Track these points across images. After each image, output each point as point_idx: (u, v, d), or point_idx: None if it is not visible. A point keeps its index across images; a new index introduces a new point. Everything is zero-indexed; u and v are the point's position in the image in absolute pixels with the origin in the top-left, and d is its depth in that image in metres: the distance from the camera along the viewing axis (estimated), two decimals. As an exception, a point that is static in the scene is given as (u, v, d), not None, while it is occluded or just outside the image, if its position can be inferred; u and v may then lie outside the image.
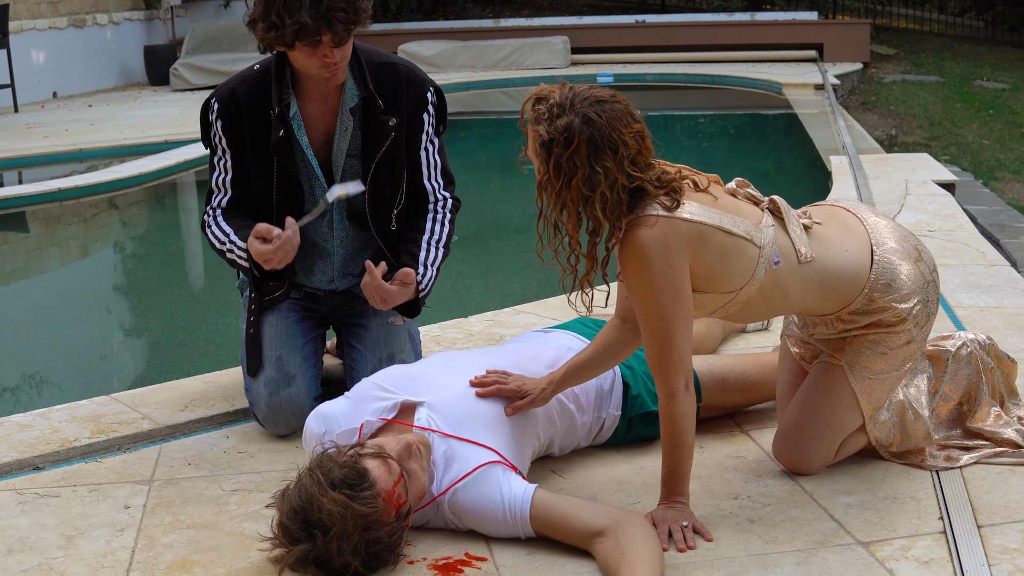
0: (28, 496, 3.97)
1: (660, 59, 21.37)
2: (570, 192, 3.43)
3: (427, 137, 4.52)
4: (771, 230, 3.67)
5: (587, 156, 3.41)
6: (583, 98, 3.46)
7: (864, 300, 3.78)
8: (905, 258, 3.83)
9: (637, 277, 3.50)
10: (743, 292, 3.64)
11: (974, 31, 27.62)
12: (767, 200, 3.78)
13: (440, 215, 4.57)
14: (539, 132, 3.44)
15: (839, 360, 3.87)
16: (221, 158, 4.47)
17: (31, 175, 12.54)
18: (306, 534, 3.26)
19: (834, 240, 3.79)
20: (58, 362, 6.93)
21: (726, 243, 3.57)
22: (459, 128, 16.44)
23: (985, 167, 11.54)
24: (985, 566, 3.29)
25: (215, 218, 4.48)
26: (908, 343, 3.84)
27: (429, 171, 4.56)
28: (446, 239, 4.56)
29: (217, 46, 20.57)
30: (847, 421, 3.90)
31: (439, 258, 4.51)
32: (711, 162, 14.24)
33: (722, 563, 3.38)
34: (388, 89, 4.42)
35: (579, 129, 3.41)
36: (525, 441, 3.81)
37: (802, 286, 3.72)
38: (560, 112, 3.43)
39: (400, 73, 4.45)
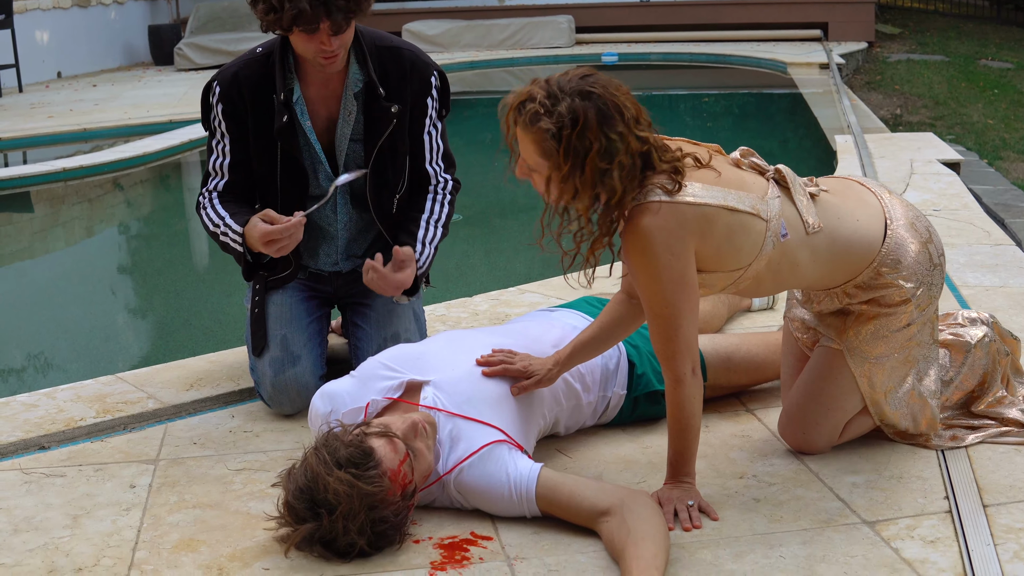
0: (34, 476, 3.97)
1: (665, 38, 21.33)
2: (584, 174, 3.38)
3: (430, 122, 4.52)
4: (777, 201, 3.63)
5: (599, 127, 3.37)
6: (568, 80, 3.43)
7: (872, 274, 3.76)
8: (916, 238, 3.81)
9: (641, 266, 3.47)
10: (752, 267, 3.61)
11: (979, 10, 27.53)
12: (772, 169, 3.74)
13: (440, 196, 4.58)
14: (541, 129, 3.37)
15: (839, 344, 3.87)
16: (220, 142, 4.46)
17: (35, 155, 12.54)
18: (312, 513, 3.27)
19: (845, 209, 3.77)
20: (63, 342, 6.93)
21: (732, 221, 3.53)
22: (463, 108, 16.41)
23: (990, 147, 11.52)
24: (991, 545, 3.29)
25: (211, 200, 4.48)
26: (908, 325, 3.83)
27: (431, 155, 4.56)
28: (445, 219, 4.57)
29: (221, 26, 20.55)
30: (848, 405, 3.90)
31: (437, 237, 4.52)
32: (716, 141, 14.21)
33: (727, 542, 3.38)
34: (392, 74, 4.41)
35: (581, 105, 3.37)
36: (531, 420, 3.81)
37: (811, 257, 3.69)
38: (555, 100, 3.37)
39: (404, 58, 4.44)
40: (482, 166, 11.14)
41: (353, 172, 4.28)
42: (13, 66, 17.14)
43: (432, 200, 4.55)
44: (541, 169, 3.43)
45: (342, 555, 3.31)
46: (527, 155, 3.45)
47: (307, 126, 4.39)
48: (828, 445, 3.95)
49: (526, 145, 3.43)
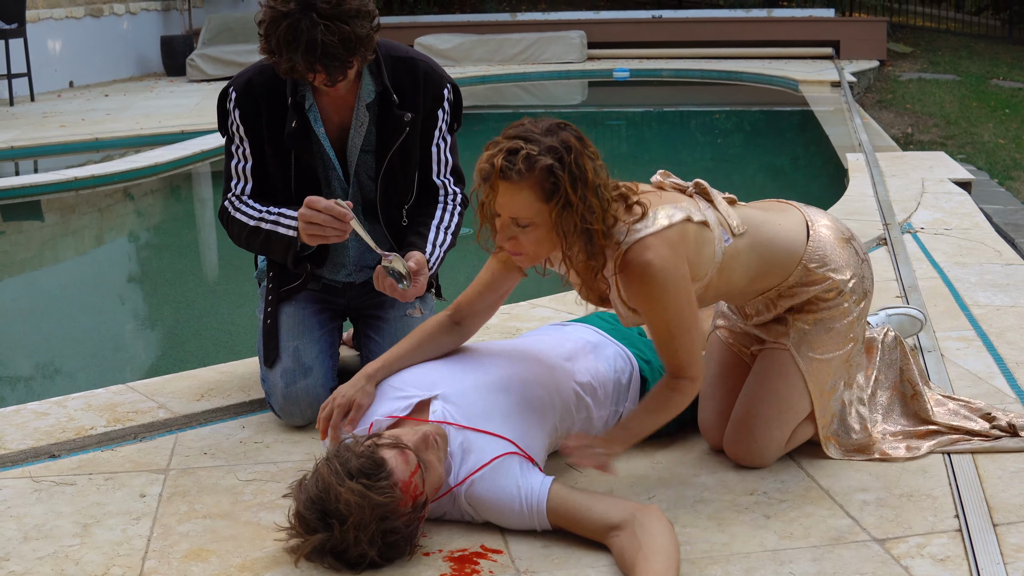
0: (44, 484, 3.98)
1: (676, 55, 21.36)
2: (589, 192, 3.43)
3: (440, 134, 4.53)
4: (710, 211, 3.75)
5: (584, 151, 3.45)
6: (532, 125, 3.48)
7: (801, 272, 3.88)
8: (838, 235, 3.99)
9: (654, 301, 3.55)
10: (709, 276, 3.73)
11: (991, 30, 27.54)
12: (692, 185, 3.85)
13: (450, 206, 4.56)
14: (540, 168, 3.38)
15: (785, 344, 3.95)
16: (239, 146, 4.46)
17: (47, 164, 12.55)
18: (323, 524, 3.27)
19: (767, 216, 3.92)
20: (73, 351, 6.94)
21: (696, 233, 3.64)
22: (474, 122, 16.36)
23: (1001, 166, 11.52)
24: (1000, 564, 3.29)
25: (241, 201, 4.47)
26: (847, 319, 3.94)
27: (439, 168, 4.56)
28: (454, 228, 4.54)
29: (233, 37, 20.59)
30: (799, 405, 3.95)
31: (446, 242, 4.50)
32: (727, 158, 14.25)
33: (738, 558, 3.38)
34: (405, 84, 4.41)
35: (565, 135, 3.44)
36: (542, 433, 3.81)
37: (744, 261, 3.80)
38: (537, 142, 3.42)
39: (418, 68, 4.44)
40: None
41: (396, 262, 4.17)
42: (26, 75, 17.16)
43: (442, 209, 4.54)
44: (539, 217, 3.45)
45: (352, 566, 3.31)
46: (519, 208, 3.44)
47: (320, 132, 4.38)
48: (776, 454, 4.00)
49: (519, 197, 3.43)
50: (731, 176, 12.88)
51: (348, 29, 4.01)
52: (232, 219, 4.47)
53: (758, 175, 13.09)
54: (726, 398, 4.11)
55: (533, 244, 3.51)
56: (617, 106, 18.79)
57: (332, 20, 3.99)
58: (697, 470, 3.99)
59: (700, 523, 3.61)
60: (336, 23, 3.99)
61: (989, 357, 4.95)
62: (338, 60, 4.04)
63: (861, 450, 4.07)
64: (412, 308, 4.54)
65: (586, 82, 20.56)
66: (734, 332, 4.16)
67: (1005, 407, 4.35)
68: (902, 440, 4.11)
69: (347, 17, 4.01)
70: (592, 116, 17.97)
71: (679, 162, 14.00)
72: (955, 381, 4.66)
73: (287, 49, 4.02)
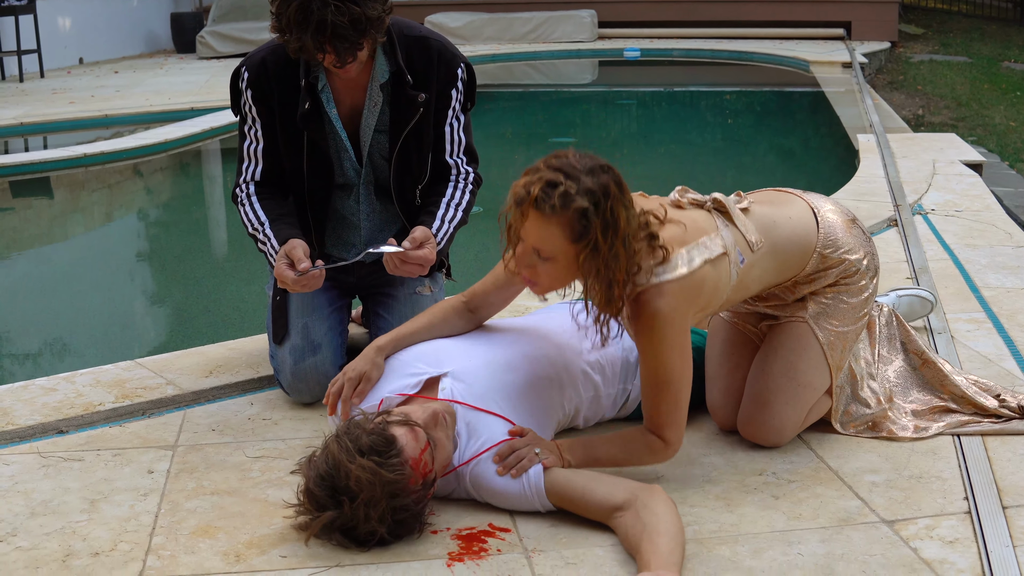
0: (52, 460, 3.98)
1: (687, 34, 21.32)
2: (619, 240, 3.38)
3: (453, 113, 4.49)
4: (727, 231, 3.72)
5: (621, 200, 3.39)
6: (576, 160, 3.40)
7: (817, 260, 3.89)
8: (843, 217, 4.00)
9: (654, 344, 3.54)
10: (723, 299, 3.73)
11: (1003, 12, 27.46)
12: (710, 200, 3.81)
13: (462, 184, 4.53)
14: (575, 209, 3.32)
15: (803, 317, 3.94)
16: (252, 127, 4.44)
17: (56, 140, 12.56)
18: (333, 501, 3.26)
19: (776, 212, 3.90)
20: (82, 327, 6.94)
21: (712, 273, 3.62)
22: (485, 100, 16.33)
23: (1012, 149, 11.48)
24: (1010, 547, 3.28)
25: (248, 194, 4.45)
26: (864, 295, 3.98)
27: (452, 147, 4.52)
28: (466, 205, 4.51)
29: (244, 14, 20.56)
30: (818, 380, 3.95)
31: (457, 218, 4.47)
32: (737, 139, 14.22)
33: (746, 539, 3.37)
34: (419, 64, 4.38)
35: (606, 178, 3.38)
36: (550, 412, 3.80)
37: (762, 268, 3.80)
38: (578, 180, 3.35)
39: (432, 47, 4.41)
40: (502, 159, 11.16)
41: (384, 247, 4.17)
42: (35, 52, 17.18)
43: (453, 187, 4.51)
44: (562, 255, 3.41)
45: (362, 543, 3.31)
46: (544, 242, 3.39)
47: (332, 113, 4.37)
48: (793, 432, 3.99)
49: (547, 230, 3.37)
50: (741, 157, 12.87)
51: (359, 10, 3.97)
52: (240, 211, 4.46)
53: (768, 156, 13.07)
54: (731, 376, 4.09)
55: (549, 277, 3.48)
56: (627, 86, 18.76)
57: (343, 0, 3.95)
58: (706, 449, 3.99)
59: (708, 503, 3.60)
60: (347, 4, 3.95)
61: (999, 339, 4.94)
62: (348, 41, 4.00)
63: (872, 426, 4.06)
64: (422, 286, 4.53)
65: (596, 61, 20.53)
66: (740, 313, 4.14)
67: (1015, 389, 4.34)
68: (912, 419, 4.10)
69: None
70: (602, 95, 17.95)
71: (689, 142, 13.98)
72: (965, 363, 4.64)
73: (297, 28, 3.97)
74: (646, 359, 3.58)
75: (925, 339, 4.83)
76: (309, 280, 4.11)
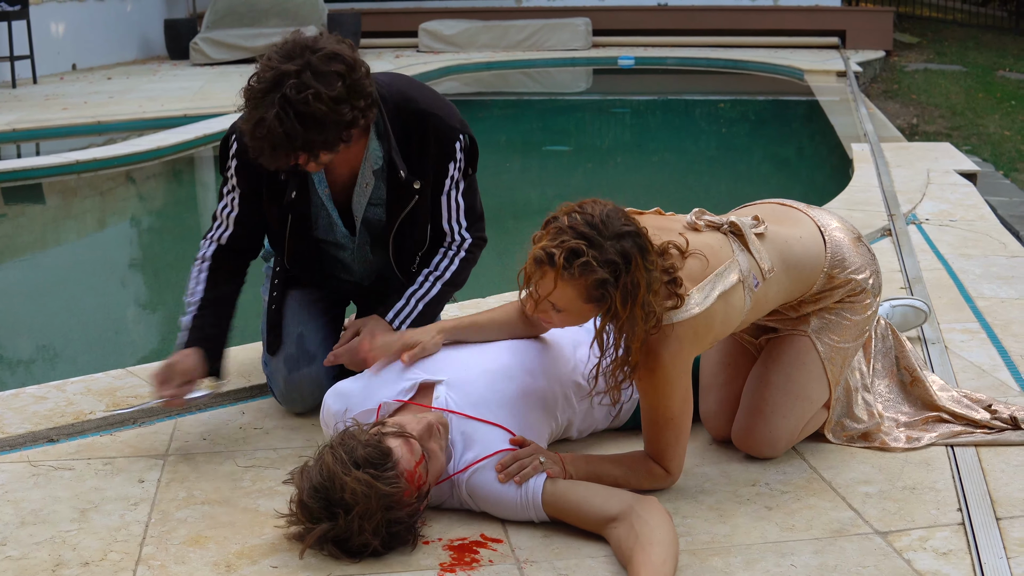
0: (42, 468, 3.96)
1: (682, 43, 21.33)
2: (637, 308, 3.37)
3: (451, 183, 4.29)
4: (743, 256, 3.71)
5: (643, 266, 3.38)
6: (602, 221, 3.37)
7: (824, 280, 3.89)
8: (849, 235, 3.99)
9: (655, 384, 3.55)
10: (735, 326, 3.73)
11: (998, 21, 27.51)
12: (727, 223, 3.79)
13: (452, 252, 4.37)
14: (594, 279, 3.33)
15: (804, 330, 3.93)
16: (230, 192, 4.28)
17: (49, 147, 12.54)
18: (327, 513, 3.24)
19: (788, 232, 3.88)
20: (73, 335, 6.92)
21: (724, 307, 3.62)
22: (479, 108, 16.40)
23: (1006, 158, 11.49)
24: (1003, 558, 3.27)
25: (205, 256, 4.33)
26: (867, 313, 3.98)
27: (450, 213, 4.34)
28: (450, 276, 4.35)
29: (238, 20, 20.54)
30: (816, 394, 3.94)
31: (431, 293, 4.31)
32: (731, 147, 14.23)
33: (739, 550, 3.36)
34: (414, 144, 4.18)
35: (627, 247, 3.36)
36: (544, 423, 3.79)
37: (775, 290, 3.80)
38: (601, 248, 3.34)
39: (429, 125, 4.17)
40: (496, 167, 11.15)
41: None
42: (28, 57, 17.15)
43: (441, 256, 4.37)
44: (575, 310, 3.44)
45: (354, 555, 3.29)
46: (563, 301, 3.41)
47: (324, 193, 4.25)
48: (788, 444, 3.98)
49: (565, 293, 3.38)
50: (735, 166, 12.88)
51: (300, 129, 3.73)
52: (192, 268, 4.34)
53: (763, 164, 13.07)
54: (728, 387, 4.09)
55: (564, 321, 3.51)
56: (622, 94, 18.78)
57: (288, 111, 3.71)
58: (699, 460, 3.98)
59: (701, 514, 3.60)
60: (291, 115, 3.71)
61: (993, 349, 4.93)
62: (282, 149, 3.78)
63: (864, 437, 4.06)
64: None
65: (591, 69, 20.54)
66: None
67: (1008, 400, 4.33)
68: (904, 430, 4.09)
69: (306, 118, 3.73)
70: (597, 104, 17.97)
71: (683, 151, 13.99)
72: (959, 373, 4.64)
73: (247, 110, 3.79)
74: (647, 398, 3.60)
75: (918, 351, 4.82)
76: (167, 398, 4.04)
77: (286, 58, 3.76)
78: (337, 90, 3.76)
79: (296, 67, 3.72)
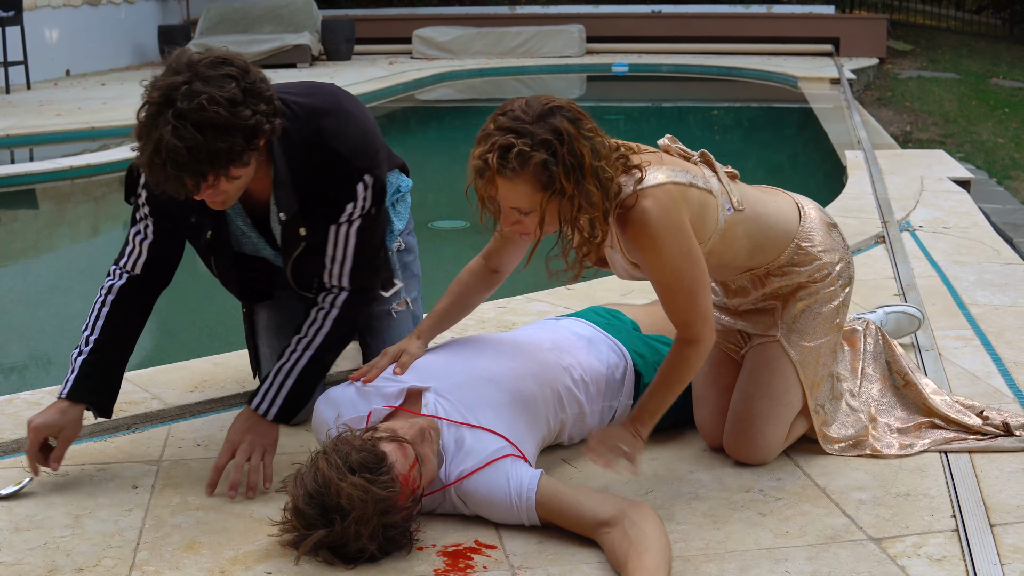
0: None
1: (676, 50, 21.37)
2: (587, 178, 3.36)
3: (346, 218, 3.90)
4: (714, 180, 3.73)
5: (579, 133, 3.37)
6: (523, 111, 3.38)
7: (793, 250, 3.91)
8: (825, 220, 4.05)
9: (652, 249, 3.49)
10: (708, 244, 3.69)
11: (991, 29, 27.56)
12: (698, 154, 3.82)
13: (324, 311, 3.98)
14: (535, 163, 3.31)
15: (774, 335, 3.95)
16: (143, 219, 4.03)
17: (42, 152, 12.53)
18: (323, 519, 3.24)
19: (763, 196, 3.94)
20: (67, 341, 6.90)
21: (698, 196, 3.61)
22: (473, 115, 16.38)
23: (1000, 166, 11.50)
24: (997, 565, 3.27)
25: (110, 288, 4.07)
26: (833, 303, 3.97)
27: (335, 252, 3.94)
28: (321, 341, 3.95)
29: (232, 27, 20.56)
30: (793, 398, 3.95)
31: (300, 364, 3.94)
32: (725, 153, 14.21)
33: (733, 556, 3.36)
34: (312, 181, 3.82)
35: (556, 123, 3.35)
36: (535, 427, 3.78)
37: (745, 232, 3.79)
38: (530, 134, 3.33)
39: (333, 166, 3.83)
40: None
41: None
42: (22, 63, 17.14)
43: (312, 318, 3.98)
44: (536, 206, 3.40)
45: (350, 560, 3.29)
46: (519, 201, 3.39)
47: (244, 224, 4.06)
48: (777, 450, 3.99)
49: (517, 190, 3.37)
50: (729, 172, 12.86)
51: (200, 139, 3.41)
52: (95, 297, 4.09)
53: (756, 171, 13.05)
54: (720, 397, 4.09)
55: (537, 226, 3.46)
56: (616, 101, 18.78)
57: (187, 124, 3.41)
58: (693, 467, 3.98)
59: (695, 520, 3.59)
60: (190, 128, 3.40)
61: (987, 356, 4.93)
62: (186, 169, 3.46)
63: (854, 445, 4.06)
64: (398, 301, 4.47)
65: (585, 76, 20.56)
66: (720, 331, 4.12)
67: (1002, 407, 4.34)
68: (898, 436, 4.10)
69: (205, 126, 3.43)
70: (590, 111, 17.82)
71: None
72: (953, 380, 4.64)
73: (143, 139, 3.49)
74: (650, 271, 3.56)
75: (912, 356, 4.83)
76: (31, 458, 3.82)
77: (171, 74, 3.48)
78: (231, 92, 3.47)
79: (184, 79, 3.44)
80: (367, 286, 4.03)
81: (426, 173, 11.04)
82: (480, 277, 3.99)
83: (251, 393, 3.96)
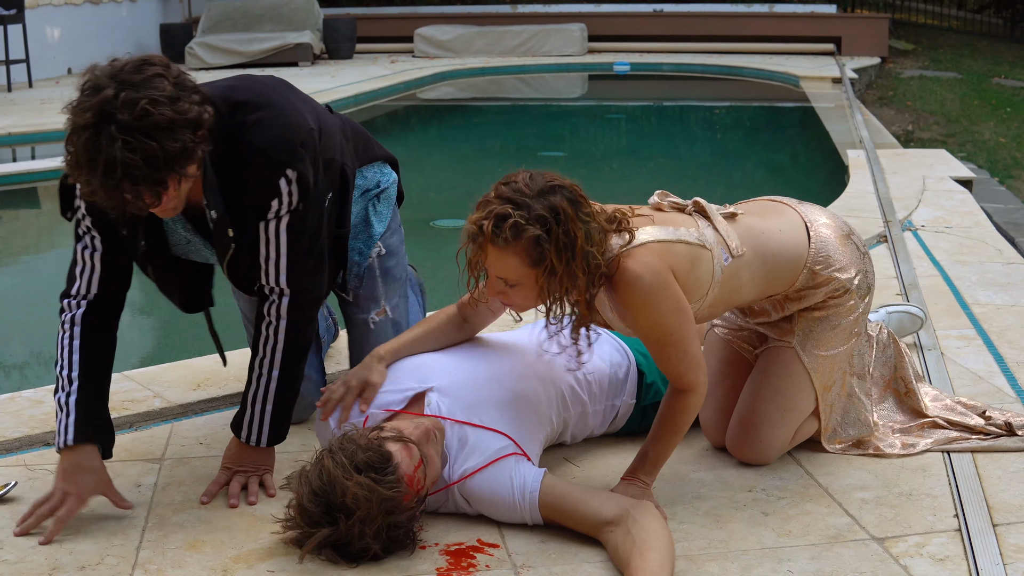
0: (39, 472, 3.95)
1: (677, 49, 21.35)
2: (576, 260, 3.38)
3: (274, 215, 3.70)
4: (709, 231, 3.71)
5: (576, 216, 3.38)
6: (525, 185, 3.40)
7: (807, 276, 3.87)
8: (837, 232, 3.96)
9: (641, 306, 3.51)
10: (709, 295, 3.69)
11: (993, 28, 27.53)
12: (691, 203, 3.82)
13: (273, 323, 3.81)
14: (528, 238, 3.33)
15: (790, 342, 3.94)
16: (88, 232, 3.78)
17: (44, 151, 12.51)
18: (328, 517, 3.24)
19: (766, 223, 3.88)
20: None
21: (690, 253, 3.61)
22: (474, 114, 16.40)
23: (1002, 165, 11.50)
24: (1000, 565, 3.27)
25: (73, 320, 3.81)
26: (853, 316, 3.95)
27: (268, 253, 3.75)
28: (281, 357, 3.81)
29: (233, 25, 20.55)
30: (803, 404, 3.95)
31: (272, 388, 3.82)
32: (727, 154, 14.23)
33: (736, 556, 3.36)
34: (235, 180, 3.66)
35: (555, 201, 3.37)
36: (538, 426, 3.78)
37: (750, 275, 3.77)
38: (528, 207, 3.35)
39: (252, 157, 3.63)
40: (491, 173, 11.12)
41: None
42: (24, 61, 17.13)
43: (264, 336, 3.83)
44: (526, 279, 3.41)
45: (353, 559, 3.29)
46: (507, 271, 3.41)
47: (185, 229, 3.89)
48: (780, 452, 3.99)
49: (506, 261, 3.38)
50: (731, 172, 12.88)
51: (155, 145, 3.23)
52: (57, 339, 3.81)
53: (758, 171, 13.07)
54: (726, 396, 4.09)
55: (522, 299, 3.50)
56: (617, 100, 18.78)
57: (135, 135, 3.22)
58: (696, 466, 3.98)
59: (698, 519, 3.60)
60: (140, 138, 3.22)
61: (989, 356, 4.93)
62: (146, 181, 3.28)
63: (858, 444, 4.06)
64: (378, 309, 4.40)
65: (586, 75, 20.55)
66: (734, 329, 4.14)
67: (1004, 406, 4.34)
68: (900, 436, 4.10)
69: (154, 130, 3.25)
70: (592, 110, 17.96)
71: (678, 157, 13.99)
72: (955, 380, 4.64)
73: (87, 169, 3.29)
74: (638, 329, 3.57)
75: (915, 358, 4.82)
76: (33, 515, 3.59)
77: (95, 92, 3.30)
78: (167, 89, 3.29)
79: (112, 91, 3.26)
80: (307, 286, 3.83)
81: (427, 172, 11.00)
82: (452, 325, 3.96)
83: (235, 421, 3.85)
